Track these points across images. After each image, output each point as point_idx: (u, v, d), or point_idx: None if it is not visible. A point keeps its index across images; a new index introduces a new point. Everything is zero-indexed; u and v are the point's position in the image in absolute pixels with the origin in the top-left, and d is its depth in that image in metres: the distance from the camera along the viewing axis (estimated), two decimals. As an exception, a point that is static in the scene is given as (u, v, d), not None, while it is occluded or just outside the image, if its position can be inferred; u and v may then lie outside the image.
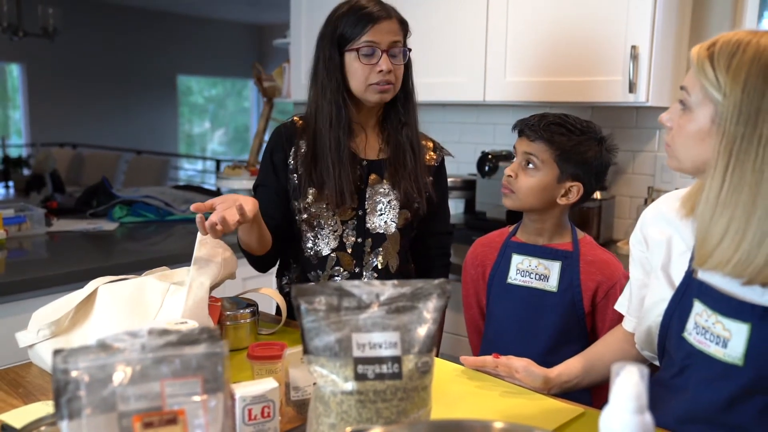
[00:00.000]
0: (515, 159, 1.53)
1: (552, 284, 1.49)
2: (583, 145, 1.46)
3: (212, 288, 1.35)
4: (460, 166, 2.79)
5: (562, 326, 1.49)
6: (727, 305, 1.03)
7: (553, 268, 1.50)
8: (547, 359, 1.33)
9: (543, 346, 1.49)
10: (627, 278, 1.48)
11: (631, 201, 2.44)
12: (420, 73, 1.70)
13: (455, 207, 2.77)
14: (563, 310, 1.49)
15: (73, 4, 7.70)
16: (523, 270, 1.53)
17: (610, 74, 2.10)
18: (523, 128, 1.50)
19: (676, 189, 1.22)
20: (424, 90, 2.40)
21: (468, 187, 2.64)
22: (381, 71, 1.54)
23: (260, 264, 1.67)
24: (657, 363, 1.20)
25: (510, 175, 1.49)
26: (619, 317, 1.38)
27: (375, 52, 1.54)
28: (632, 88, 2.05)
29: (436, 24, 2.46)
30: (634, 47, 2.03)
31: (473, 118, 2.82)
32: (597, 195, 2.36)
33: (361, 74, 1.55)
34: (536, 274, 1.51)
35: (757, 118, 0.94)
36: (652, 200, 2.25)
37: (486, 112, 2.77)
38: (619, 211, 2.45)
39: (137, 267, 1.92)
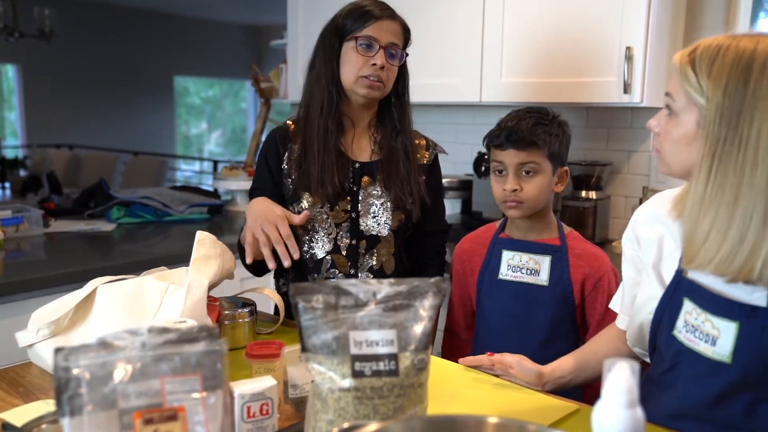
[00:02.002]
0: (505, 171, 1.51)
1: (543, 278, 1.52)
2: (558, 133, 1.51)
3: (211, 288, 1.36)
4: (456, 166, 2.80)
5: (555, 319, 1.52)
6: (716, 304, 1.05)
7: (544, 263, 1.53)
8: (541, 353, 1.34)
9: (537, 340, 1.51)
10: (615, 272, 1.52)
11: (626, 201, 2.45)
12: (417, 75, 1.71)
13: (452, 207, 2.78)
14: (555, 303, 1.51)
15: (69, 5, 7.69)
16: (514, 266, 1.56)
17: (605, 75, 2.12)
18: (505, 141, 1.49)
19: (670, 189, 1.24)
20: (420, 91, 2.41)
21: (464, 187, 2.65)
22: (374, 65, 1.55)
23: (256, 269, 1.68)
24: (648, 360, 1.22)
25: (515, 189, 1.49)
26: (608, 310, 1.40)
27: (373, 45, 1.56)
28: (627, 89, 2.06)
29: (433, 26, 2.47)
30: (628, 48, 2.04)
31: (470, 119, 2.83)
32: (592, 195, 2.38)
33: (354, 64, 1.56)
34: (527, 269, 1.54)
35: (738, 121, 0.96)
36: (647, 200, 2.27)
37: (482, 112, 2.78)
38: (615, 210, 2.47)
39: (135, 267, 1.92)
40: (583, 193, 2.38)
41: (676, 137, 1.05)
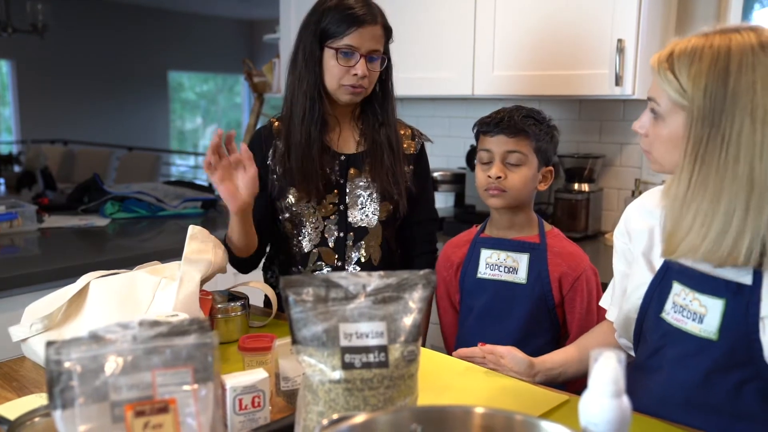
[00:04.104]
0: (491, 160, 1.51)
1: (521, 276, 1.52)
2: (547, 132, 1.53)
3: (203, 282, 1.36)
4: (449, 159, 2.81)
5: (532, 317, 1.51)
6: (703, 282, 1.07)
7: (522, 261, 1.52)
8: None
9: (513, 336, 1.49)
10: (594, 271, 1.52)
11: (618, 193, 2.46)
12: (409, 68, 1.71)
13: (445, 200, 2.79)
14: (533, 301, 1.51)
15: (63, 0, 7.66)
16: (492, 264, 1.55)
17: (597, 68, 2.13)
18: (495, 127, 1.50)
19: (663, 182, 1.25)
20: (413, 84, 2.42)
21: (457, 180, 2.66)
22: (355, 75, 1.55)
23: (242, 265, 1.69)
24: (633, 353, 1.23)
25: (499, 176, 1.49)
26: (588, 313, 1.40)
27: (354, 55, 1.55)
28: (619, 81, 2.07)
29: (424, 19, 2.47)
30: (620, 41, 2.05)
31: (462, 112, 2.84)
32: (585, 187, 2.39)
33: (336, 73, 1.56)
34: (505, 266, 1.54)
35: (721, 119, 0.99)
36: (639, 192, 2.28)
37: (475, 106, 2.79)
38: (607, 203, 2.48)
39: (129, 262, 1.92)
40: (576, 186, 2.39)
41: (665, 139, 1.08)
